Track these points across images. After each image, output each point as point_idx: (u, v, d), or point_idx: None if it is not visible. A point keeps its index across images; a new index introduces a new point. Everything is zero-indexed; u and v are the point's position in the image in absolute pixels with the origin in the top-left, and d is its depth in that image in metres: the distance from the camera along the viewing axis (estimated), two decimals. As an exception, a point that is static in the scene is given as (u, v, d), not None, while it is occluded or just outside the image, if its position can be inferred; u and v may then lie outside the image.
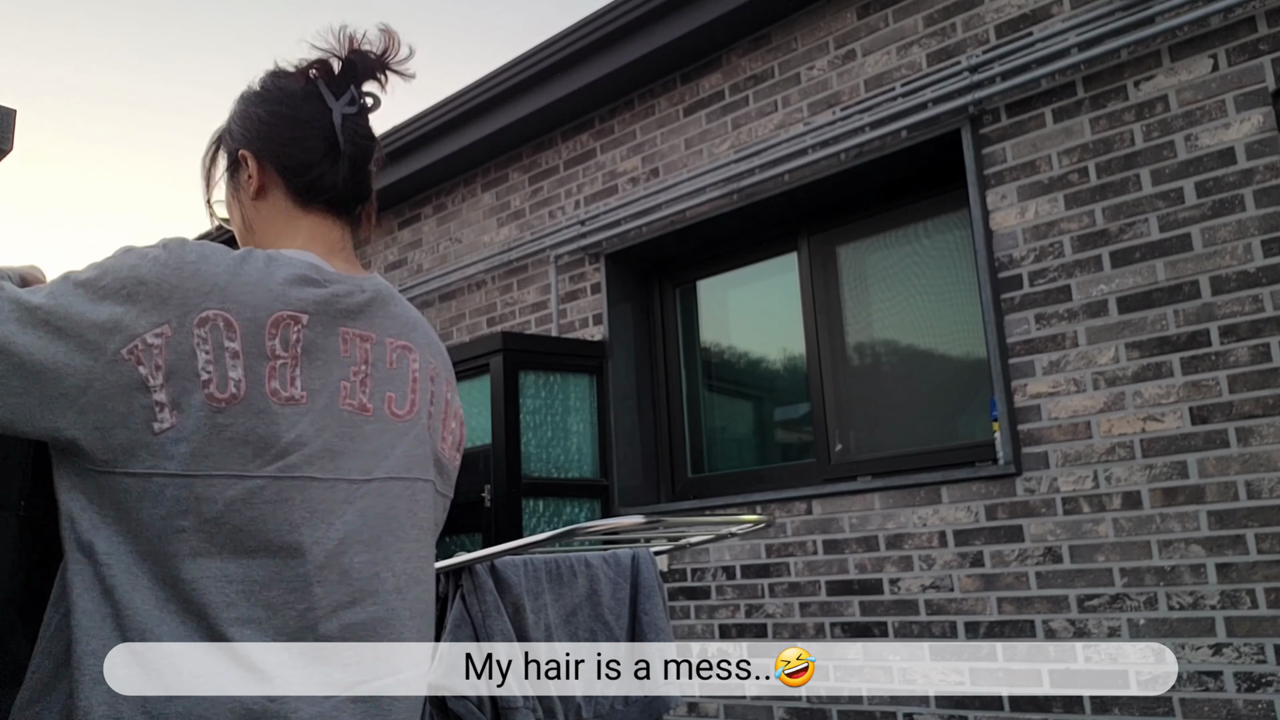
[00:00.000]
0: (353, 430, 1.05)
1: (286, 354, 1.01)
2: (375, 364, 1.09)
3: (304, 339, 1.03)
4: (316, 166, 1.15)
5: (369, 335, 1.10)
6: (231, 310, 0.99)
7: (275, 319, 1.01)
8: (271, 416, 0.99)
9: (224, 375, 0.97)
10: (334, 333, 1.06)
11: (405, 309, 1.17)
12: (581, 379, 4.43)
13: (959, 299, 3.67)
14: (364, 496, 1.04)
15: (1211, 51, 2.95)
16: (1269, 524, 2.71)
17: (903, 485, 3.40)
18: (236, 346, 0.98)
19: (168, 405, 0.96)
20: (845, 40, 3.80)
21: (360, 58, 1.16)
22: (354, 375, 1.07)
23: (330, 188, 1.15)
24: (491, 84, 4.66)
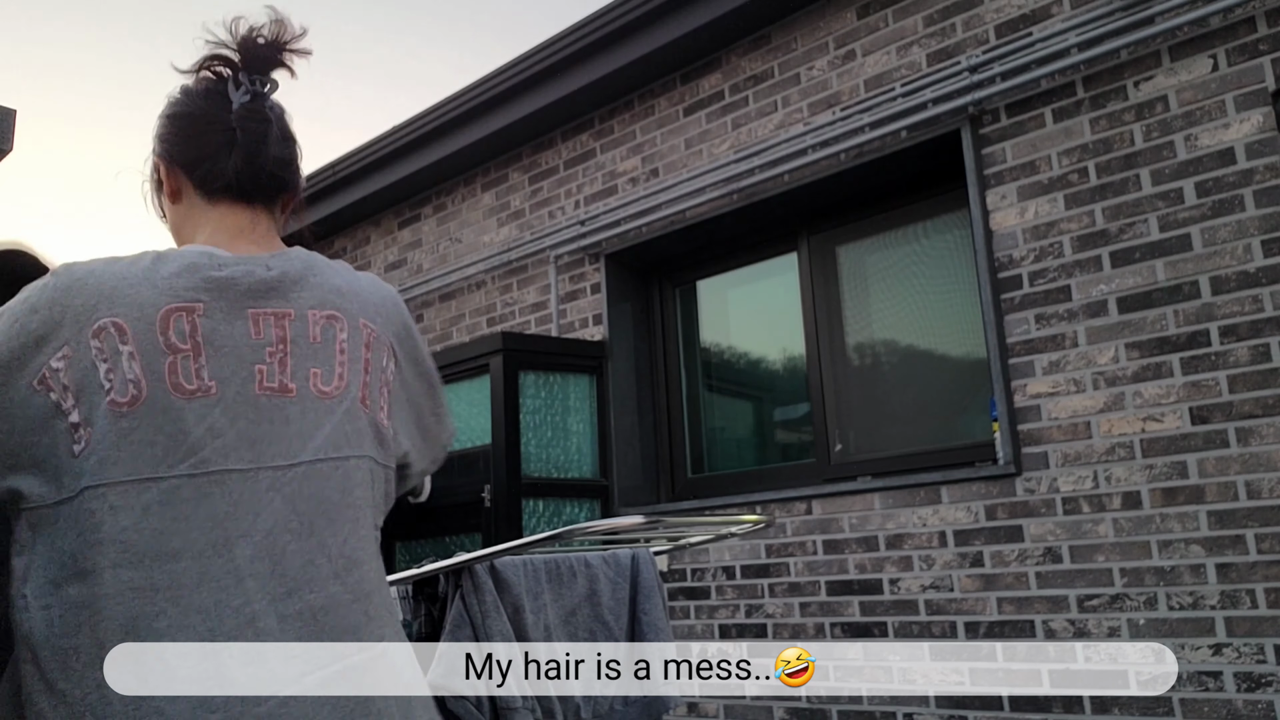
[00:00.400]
0: (273, 414, 1.02)
1: (186, 346, 1.00)
2: (295, 341, 1.06)
3: (203, 328, 1.01)
4: (211, 158, 1.15)
5: (285, 311, 1.07)
6: (120, 314, 0.99)
7: (165, 313, 1.00)
8: (177, 412, 0.98)
9: (123, 379, 0.97)
10: (240, 316, 1.04)
11: (334, 276, 1.14)
12: (581, 379, 4.43)
13: (959, 299, 3.67)
14: (290, 482, 1.01)
15: (1211, 51, 2.95)
16: (1269, 524, 2.71)
17: (903, 485, 3.40)
18: (131, 349, 0.98)
19: (81, 424, 0.96)
20: (845, 40, 3.80)
21: (251, 46, 1.17)
22: (270, 357, 1.04)
23: (223, 174, 1.14)
24: (491, 84, 4.66)
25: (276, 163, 1.18)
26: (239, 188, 1.15)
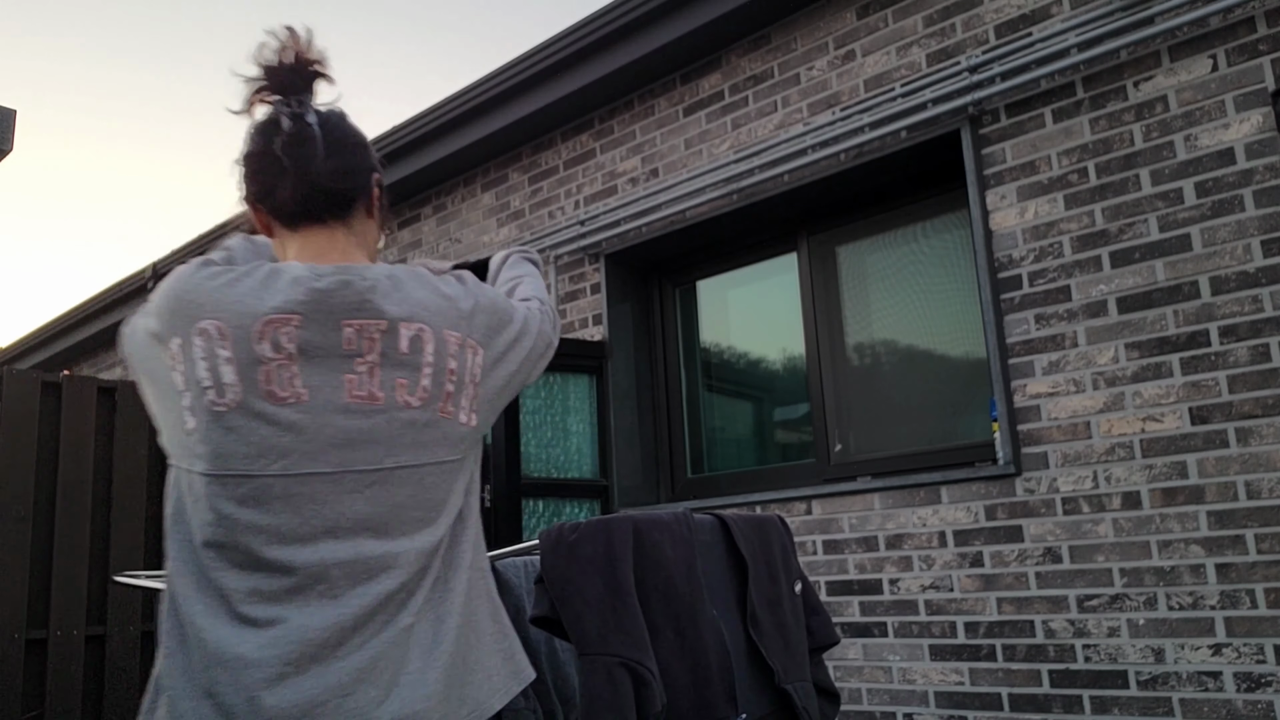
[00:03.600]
0: (360, 422, 1.11)
1: (280, 355, 1.08)
2: (385, 352, 1.13)
3: (299, 339, 1.09)
4: (272, 192, 1.21)
5: (378, 323, 1.13)
6: (222, 319, 1.08)
7: (265, 323, 1.08)
8: (270, 417, 1.07)
9: (220, 382, 1.07)
10: (335, 327, 1.11)
11: (420, 289, 1.18)
12: (581, 379, 4.43)
13: (959, 299, 3.67)
14: (372, 485, 1.11)
15: (1211, 52, 2.95)
16: (1268, 524, 2.71)
17: (902, 485, 3.40)
18: (229, 353, 1.07)
19: (188, 409, 1.08)
20: (845, 40, 3.81)
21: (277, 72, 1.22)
22: (360, 366, 1.12)
23: (286, 204, 1.21)
24: (491, 84, 4.66)
25: (331, 177, 1.21)
26: (304, 212, 1.21)
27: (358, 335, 1.12)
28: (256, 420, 1.06)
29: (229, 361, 1.07)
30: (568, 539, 1.79)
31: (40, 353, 8.48)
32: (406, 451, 1.13)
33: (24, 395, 4.05)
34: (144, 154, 28.77)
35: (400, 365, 1.13)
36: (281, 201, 1.20)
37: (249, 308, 1.09)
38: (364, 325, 1.12)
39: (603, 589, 1.74)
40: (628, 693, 1.65)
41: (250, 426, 1.06)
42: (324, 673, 1.05)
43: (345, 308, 1.11)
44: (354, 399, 1.11)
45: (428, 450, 1.15)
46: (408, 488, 1.13)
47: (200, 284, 1.10)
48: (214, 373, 1.07)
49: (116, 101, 24.92)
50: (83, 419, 4.20)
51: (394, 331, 1.13)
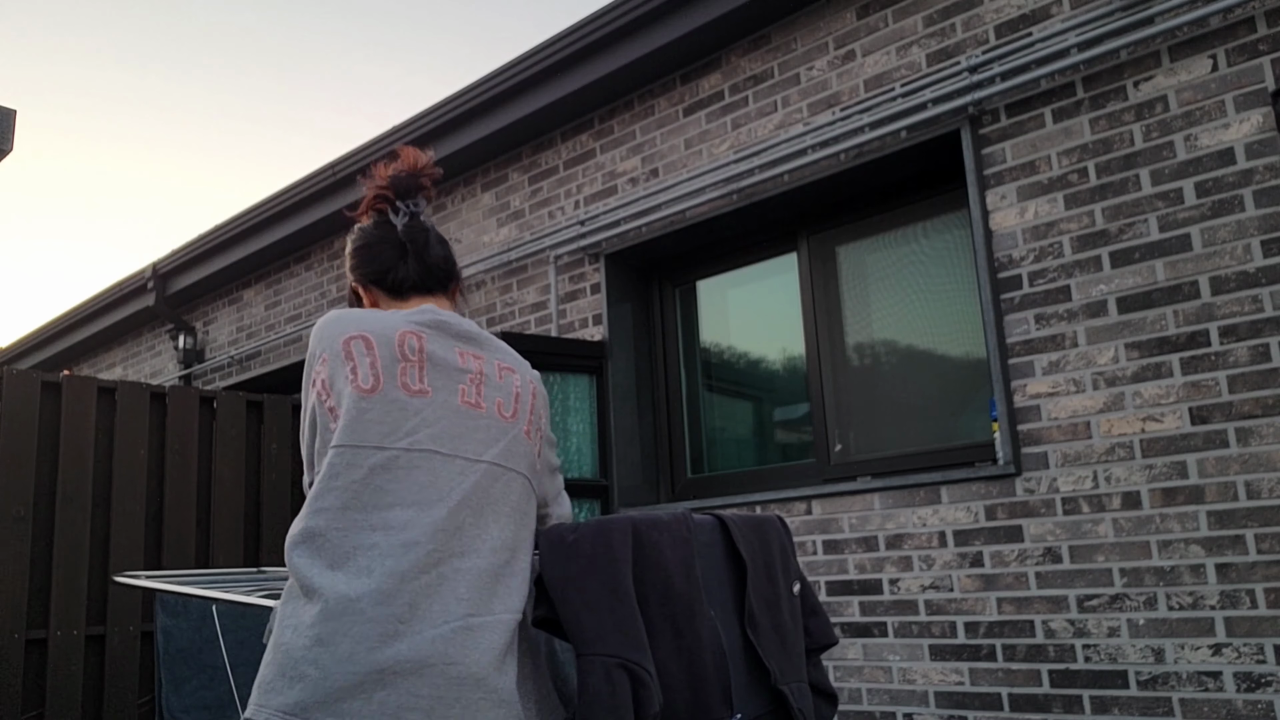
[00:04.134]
0: (468, 421, 1.39)
1: (414, 358, 1.39)
2: (487, 375, 1.45)
3: (426, 349, 1.41)
4: (394, 270, 1.56)
5: (480, 355, 1.47)
6: (369, 332, 1.40)
7: (402, 334, 1.41)
8: (403, 403, 1.36)
9: (366, 373, 1.36)
10: (451, 348, 1.44)
11: (504, 345, 1.54)
12: (581, 379, 4.43)
13: (959, 299, 3.67)
14: (475, 473, 1.37)
15: (1211, 51, 2.95)
16: (1269, 524, 2.71)
17: (902, 485, 3.40)
18: (374, 355, 1.38)
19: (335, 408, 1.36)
20: (845, 40, 3.81)
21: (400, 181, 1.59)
22: (470, 381, 1.43)
23: (406, 279, 1.56)
24: (491, 84, 4.66)
25: (440, 259, 1.59)
26: (420, 284, 1.57)
27: (467, 357, 1.44)
28: (392, 404, 1.35)
29: (373, 360, 1.37)
30: (567, 539, 1.79)
31: (40, 353, 8.48)
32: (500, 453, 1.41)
33: (24, 395, 4.05)
34: (144, 154, 28.77)
35: (496, 388, 1.45)
36: (401, 277, 1.55)
37: (390, 323, 1.42)
38: (471, 352, 1.46)
39: (601, 589, 1.74)
40: (626, 693, 1.65)
41: (386, 408, 1.34)
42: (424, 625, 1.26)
43: (458, 335, 1.46)
44: (464, 403, 1.40)
45: (514, 459, 1.43)
46: (500, 484, 1.40)
47: (344, 316, 1.42)
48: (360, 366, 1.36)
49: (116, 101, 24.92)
50: (83, 419, 4.20)
51: (490, 362, 1.47)
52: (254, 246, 6.25)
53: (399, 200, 1.58)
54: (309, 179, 5.65)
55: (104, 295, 7.47)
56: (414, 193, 1.59)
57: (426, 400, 1.36)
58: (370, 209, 1.60)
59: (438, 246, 1.59)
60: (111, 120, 26.41)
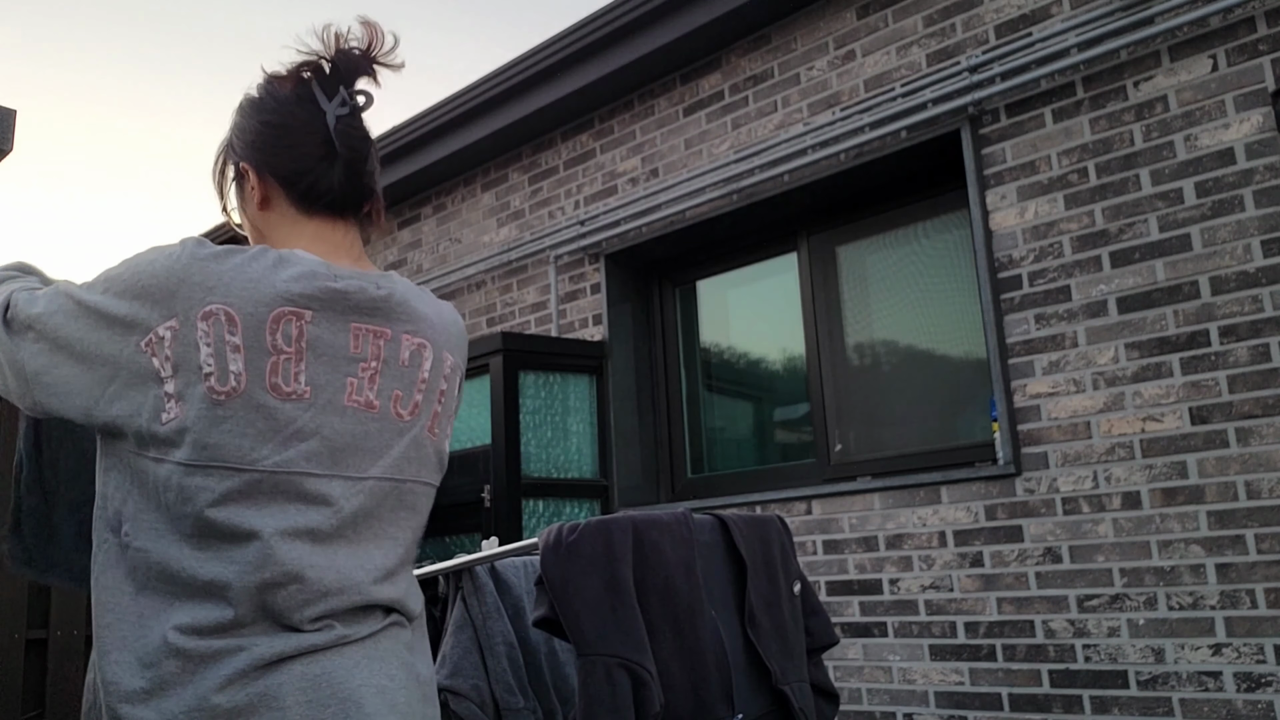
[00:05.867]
0: (355, 428, 1.08)
1: (290, 349, 1.04)
2: (387, 361, 1.12)
3: (308, 334, 1.06)
4: (312, 172, 1.16)
5: (384, 331, 1.12)
6: (234, 305, 1.02)
7: (277, 314, 1.04)
8: (270, 411, 1.02)
9: (225, 369, 1.01)
10: (344, 328, 1.09)
11: (425, 304, 1.19)
12: (581, 379, 4.43)
13: (959, 299, 3.67)
14: (356, 495, 1.08)
15: (1211, 52, 2.95)
16: (1269, 524, 2.71)
17: (903, 485, 3.40)
18: (238, 340, 1.01)
19: (174, 396, 1.01)
20: (845, 40, 3.81)
21: (346, 57, 1.16)
22: (362, 372, 1.10)
23: (328, 191, 1.16)
24: (491, 84, 4.66)
25: (370, 176, 1.20)
26: (341, 204, 1.18)
27: (363, 338, 1.10)
28: (256, 412, 1.02)
29: (237, 349, 1.01)
30: (567, 539, 1.79)
31: (41, 353, 8.47)
32: (391, 464, 1.12)
33: (24, 395, 4.04)
34: (144, 154, 28.78)
35: (397, 376, 1.13)
36: (324, 189, 1.16)
37: (263, 295, 1.03)
38: (371, 328, 1.11)
39: (602, 589, 1.74)
40: (626, 693, 1.65)
41: (249, 418, 1.01)
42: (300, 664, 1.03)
43: (357, 308, 1.10)
44: (352, 403, 1.08)
45: (409, 467, 1.14)
46: (388, 503, 1.12)
47: (204, 265, 1.02)
48: (219, 358, 1.00)
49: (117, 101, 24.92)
50: (83, 419, 4.19)
51: (396, 339, 1.13)
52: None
53: (341, 84, 1.16)
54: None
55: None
56: (358, 76, 1.18)
57: (302, 405, 1.04)
58: (297, 79, 1.17)
59: (374, 157, 1.21)
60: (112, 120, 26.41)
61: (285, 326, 1.04)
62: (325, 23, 1.16)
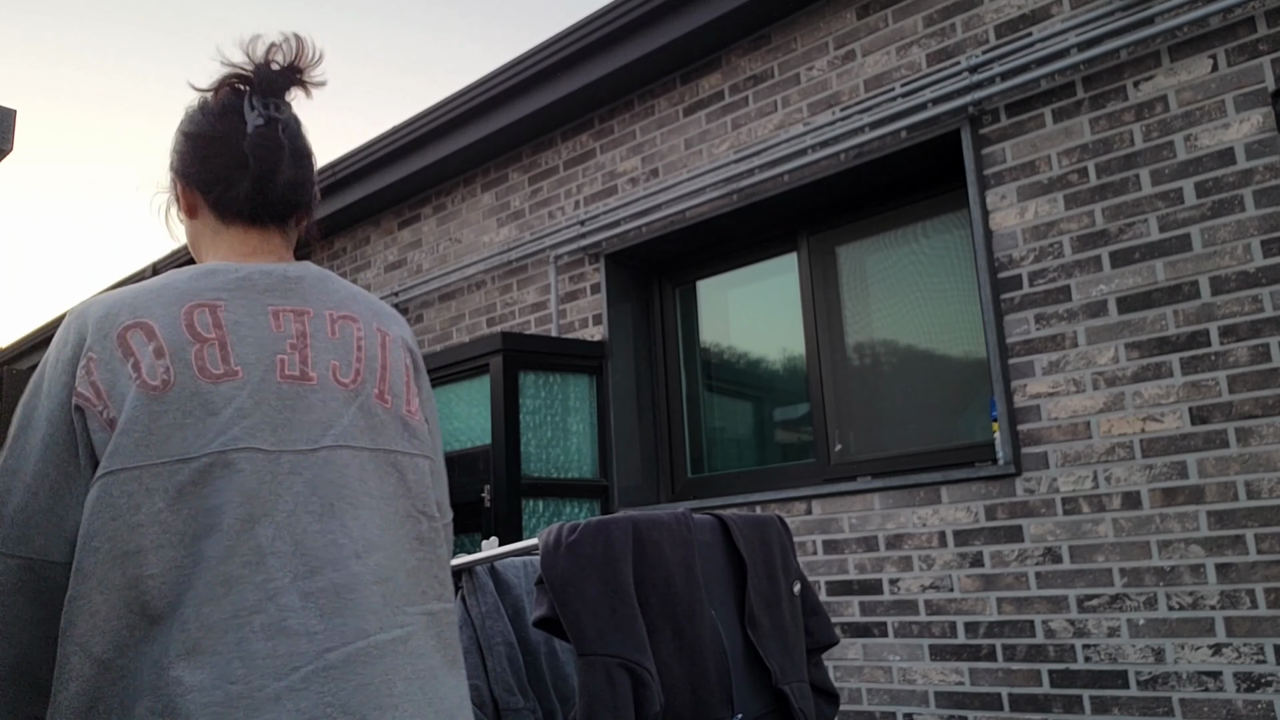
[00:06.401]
0: (295, 401, 1.07)
1: (212, 335, 1.05)
2: (314, 335, 1.11)
3: (225, 321, 1.07)
4: (222, 183, 1.18)
5: (304, 310, 1.13)
6: (144, 315, 1.05)
7: (189, 308, 1.06)
8: (206, 395, 1.02)
9: (152, 366, 1.02)
10: (261, 311, 1.09)
11: (344, 286, 1.20)
12: (581, 379, 4.43)
13: (959, 299, 3.67)
14: (311, 466, 1.05)
15: (1211, 52, 2.95)
16: (1269, 524, 2.71)
17: (902, 485, 3.40)
18: (158, 344, 1.03)
19: (112, 419, 1.01)
20: (845, 40, 3.81)
21: (266, 70, 1.19)
22: (290, 348, 1.09)
23: (236, 200, 1.18)
24: (491, 84, 4.66)
25: (288, 186, 1.20)
26: (251, 213, 1.19)
27: (284, 317, 1.11)
28: (193, 400, 1.01)
29: (158, 350, 1.03)
30: (567, 539, 1.79)
31: (40, 353, 8.48)
32: (342, 432, 1.09)
33: (24, 395, 4.04)
34: (144, 154, 28.76)
35: (329, 348, 1.12)
36: (234, 198, 1.18)
37: (170, 298, 1.06)
38: (289, 309, 1.11)
39: (602, 589, 1.74)
40: (626, 693, 1.65)
41: (187, 407, 1.01)
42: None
43: (270, 290, 1.11)
44: (286, 378, 1.07)
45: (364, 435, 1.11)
46: (351, 471, 1.08)
47: (106, 301, 1.07)
48: (144, 361, 1.02)
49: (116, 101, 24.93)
50: (83, 419, 4.19)
51: (319, 316, 1.13)
52: (254, 246, 6.24)
53: (259, 94, 1.18)
54: (309, 179, 5.64)
55: (104, 295, 7.47)
56: (281, 91, 1.20)
57: (237, 384, 1.03)
58: (223, 90, 1.20)
59: (291, 168, 1.20)
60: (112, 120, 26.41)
61: (200, 316, 1.06)
62: (253, 35, 1.19)
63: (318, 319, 1.13)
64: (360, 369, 1.13)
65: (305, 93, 1.22)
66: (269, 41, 1.19)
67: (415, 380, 1.22)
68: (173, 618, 0.96)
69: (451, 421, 4.41)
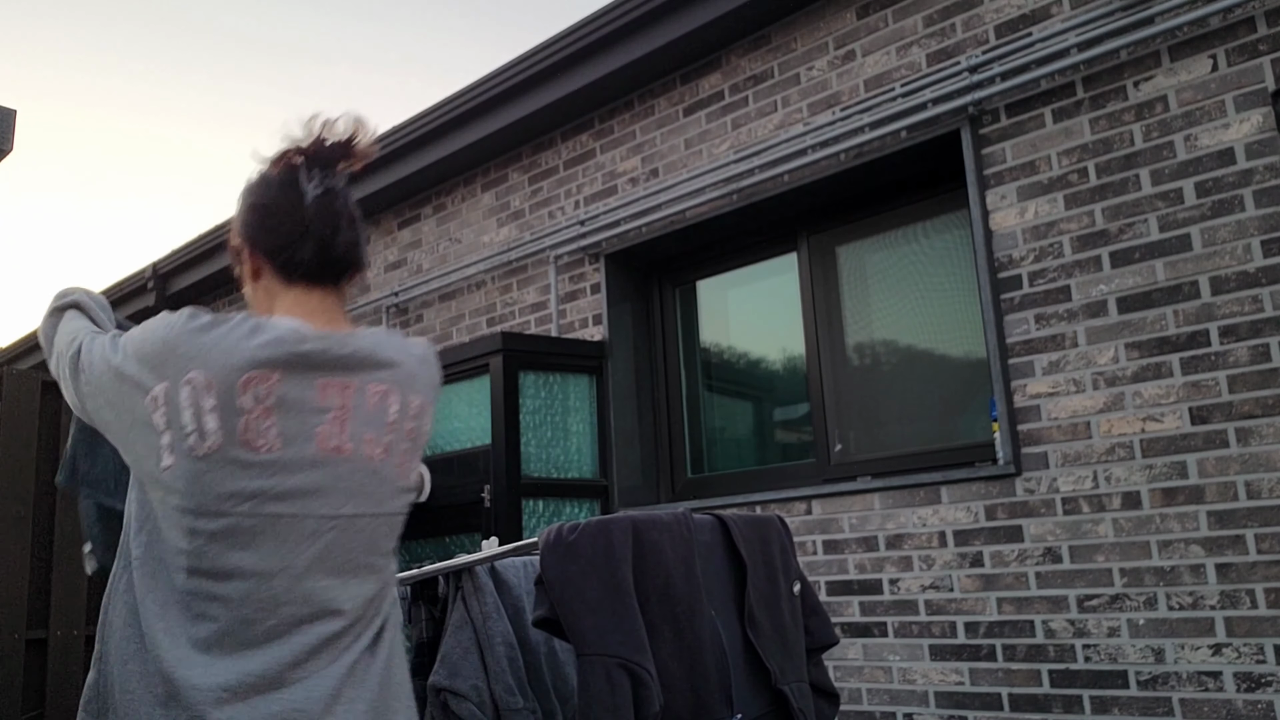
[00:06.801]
0: (325, 472, 1.23)
1: (258, 407, 1.19)
2: (356, 408, 1.27)
3: (276, 393, 1.21)
4: (288, 248, 1.33)
5: (349, 383, 1.27)
6: (211, 371, 1.18)
7: (247, 379, 1.19)
8: (245, 463, 1.18)
9: (203, 428, 1.18)
10: (311, 385, 1.23)
11: (392, 352, 1.33)
12: (581, 379, 4.43)
13: (959, 299, 3.67)
14: (330, 531, 1.23)
15: (1211, 52, 2.95)
16: (1269, 524, 2.71)
17: (902, 485, 3.40)
18: (213, 402, 1.18)
19: (167, 449, 1.18)
20: (845, 40, 3.81)
21: (322, 146, 1.34)
22: (332, 420, 1.25)
23: (301, 264, 1.32)
24: (491, 84, 4.66)
25: (345, 248, 1.35)
26: (314, 274, 1.34)
27: (330, 391, 1.25)
28: (233, 465, 1.17)
29: (213, 410, 1.17)
30: (567, 539, 1.79)
31: (40, 353, 8.47)
32: (366, 502, 1.27)
33: (24, 395, 4.05)
34: (144, 154, 28.77)
35: (367, 421, 1.27)
36: (298, 261, 1.32)
37: (234, 361, 1.19)
38: (337, 383, 1.26)
39: (601, 589, 1.74)
40: (626, 693, 1.65)
41: (227, 471, 1.17)
42: (265, 702, 1.15)
43: (321, 366, 1.24)
44: (323, 450, 1.23)
45: (384, 502, 1.30)
46: (363, 536, 1.26)
47: (190, 336, 1.20)
48: (198, 420, 1.17)
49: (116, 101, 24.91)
50: (83, 419, 4.19)
51: (361, 390, 1.27)
52: (254, 246, 6.24)
53: (314, 168, 1.34)
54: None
55: (104, 295, 7.46)
56: (334, 164, 1.36)
57: (273, 456, 1.19)
58: (279, 165, 1.35)
59: (347, 231, 1.35)
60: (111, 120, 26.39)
61: (255, 388, 1.19)
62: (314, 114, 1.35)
63: (359, 392, 1.28)
64: (390, 441, 1.31)
65: (356, 165, 1.38)
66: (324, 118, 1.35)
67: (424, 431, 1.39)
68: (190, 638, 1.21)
69: (451, 421, 4.41)
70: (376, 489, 1.28)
